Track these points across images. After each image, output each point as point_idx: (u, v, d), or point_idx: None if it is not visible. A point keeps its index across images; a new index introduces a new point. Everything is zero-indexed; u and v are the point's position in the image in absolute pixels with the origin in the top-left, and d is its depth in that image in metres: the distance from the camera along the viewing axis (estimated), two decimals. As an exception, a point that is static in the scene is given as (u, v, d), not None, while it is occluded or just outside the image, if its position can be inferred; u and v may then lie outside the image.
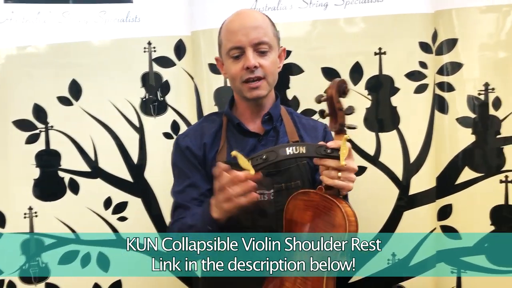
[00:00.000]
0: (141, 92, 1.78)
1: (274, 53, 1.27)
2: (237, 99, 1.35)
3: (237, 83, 1.26)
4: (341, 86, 1.08)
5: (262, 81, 1.24)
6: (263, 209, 1.25)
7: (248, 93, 1.25)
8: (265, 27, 1.25)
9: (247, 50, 1.22)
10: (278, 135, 1.32)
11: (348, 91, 1.09)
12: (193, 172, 1.29)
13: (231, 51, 1.24)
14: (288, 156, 1.08)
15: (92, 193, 1.75)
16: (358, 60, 1.69)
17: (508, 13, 1.62)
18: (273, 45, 1.26)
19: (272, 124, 1.31)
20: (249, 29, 1.22)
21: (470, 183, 1.67)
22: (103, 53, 1.75)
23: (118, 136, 1.76)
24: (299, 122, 1.38)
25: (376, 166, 1.70)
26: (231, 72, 1.26)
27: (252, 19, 1.26)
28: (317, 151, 1.10)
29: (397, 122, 1.68)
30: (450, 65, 1.67)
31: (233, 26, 1.25)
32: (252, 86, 1.24)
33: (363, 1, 1.67)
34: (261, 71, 1.23)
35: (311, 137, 1.35)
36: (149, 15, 1.77)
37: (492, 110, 1.64)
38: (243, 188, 1.06)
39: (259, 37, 1.22)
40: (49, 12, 1.71)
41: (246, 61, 1.22)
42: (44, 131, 1.73)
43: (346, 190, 1.10)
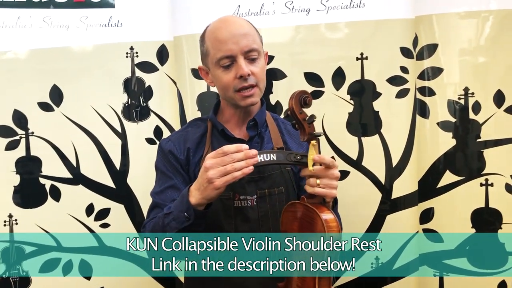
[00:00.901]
0: (123, 98, 1.76)
1: (262, 59, 1.27)
2: (224, 105, 1.34)
3: (229, 92, 1.24)
4: (301, 97, 1.09)
5: (255, 88, 1.23)
6: (246, 214, 1.24)
7: (242, 102, 1.24)
8: (253, 33, 1.25)
9: (239, 58, 1.21)
10: (263, 141, 1.32)
11: (310, 101, 1.09)
12: (175, 175, 1.29)
13: (221, 60, 1.22)
14: (258, 164, 1.07)
15: (74, 199, 1.73)
16: (340, 65, 1.70)
17: (487, 18, 1.64)
18: (260, 51, 1.26)
19: (257, 130, 1.31)
20: (238, 37, 1.21)
21: (451, 186, 1.69)
22: (84, 59, 1.74)
23: (100, 142, 1.75)
24: (284, 128, 1.38)
25: (359, 170, 1.71)
26: (223, 82, 1.24)
27: (238, 26, 1.24)
28: (288, 158, 1.10)
29: (379, 126, 1.70)
30: (431, 70, 1.69)
31: (222, 35, 1.22)
32: (245, 95, 1.23)
33: (345, 7, 1.68)
34: (253, 79, 1.22)
35: (296, 143, 1.36)
36: (132, 20, 1.76)
37: (472, 114, 1.66)
38: (247, 160, 1.04)
39: (249, 44, 1.21)
40: (30, 17, 1.69)
41: (239, 70, 1.20)
42: (25, 137, 1.70)
43: (329, 197, 1.09)
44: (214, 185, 1.05)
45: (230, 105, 1.31)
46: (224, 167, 1.04)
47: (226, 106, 1.33)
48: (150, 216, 1.27)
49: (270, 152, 1.10)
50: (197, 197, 1.09)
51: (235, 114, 1.32)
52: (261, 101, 1.36)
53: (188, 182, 1.28)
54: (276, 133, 1.34)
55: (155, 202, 1.29)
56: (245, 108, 1.28)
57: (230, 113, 1.33)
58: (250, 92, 1.23)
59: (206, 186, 1.06)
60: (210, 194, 1.07)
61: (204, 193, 1.07)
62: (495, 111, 1.65)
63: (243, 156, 1.05)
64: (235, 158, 1.04)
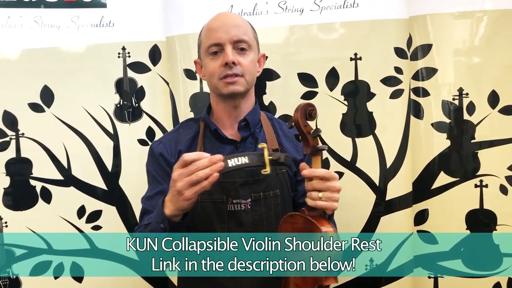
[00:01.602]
0: (115, 98, 1.74)
1: (253, 54, 1.27)
2: (214, 101, 1.32)
3: (214, 79, 1.24)
4: (306, 109, 1.08)
5: (239, 77, 1.23)
6: (239, 218, 1.23)
7: (224, 89, 1.23)
8: (246, 27, 1.26)
9: (226, 46, 1.22)
10: (257, 141, 1.30)
11: (315, 114, 1.08)
12: (165, 179, 1.27)
13: (210, 48, 1.24)
14: (230, 169, 1.04)
15: (65, 201, 1.71)
16: (334, 66, 1.68)
17: (481, 19, 1.63)
18: (252, 45, 1.26)
19: (249, 131, 1.29)
20: (229, 27, 1.23)
21: (446, 187, 1.68)
22: (76, 59, 1.72)
23: (91, 143, 1.73)
24: (279, 128, 1.36)
25: (353, 172, 1.70)
26: (209, 69, 1.24)
27: (232, 18, 1.28)
28: (261, 160, 1.07)
29: (374, 127, 1.69)
30: (425, 71, 1.68)
31: (214, 24, 1.25)
32: (228, 81, 1.22)
33: (339, 7, 1.67)
34: (239, 68, 1.22)
35: (292, 144, 1.34)
36: (124, 20, 1.74)
37: (467, 115, 1.65)
38: (211, 166, 1.01)
39: (238, 34, 1.23)
40: (20, 17, 1.67)
41: (225, 57, 1.21)
42: (15, 138, 1.69)
43: (330, 210, 1.08)
44: (184, 197, 1.02)
45: (217, 98, 1.29)
46: (190, 177, 1.01)
47: (215, 101, 1.32)
48: (141, 222, 1.25)
49: (242, 155, 1.06)
50: (170, 208, 1.07)
51: (224, 111, 1.30)
52: (255, 100, 1.35)
53: None
54: (271, 133, 1.32)
55: (145, 208, 1.28)
56: (229, 97, 1.26)
57: (220, 110, 1.31)
58: (233, 79, 1.22)
59: (177, 197, 1.04)
60: (182, 205, 1.05)
61: (177, 204, 1.05)
62: (490, 112, 1.64)
63: (207, 163, 1.01)
64: (199, 166, 1.01)
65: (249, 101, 1.32)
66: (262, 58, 1.34)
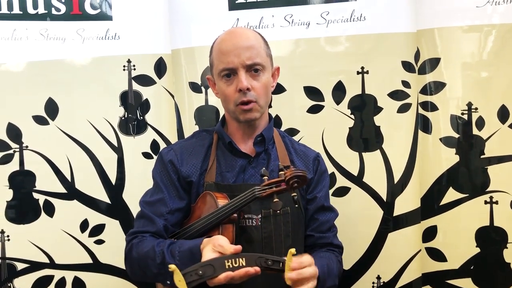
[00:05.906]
0: (120, 111, 1.73)
1: (267, 73, 1.27)
2: (229, 119, 1.34)
3: (231, 105, 1.25)
4: (293, 182, 1.10)
5: (253, 104, 1.23)
6: (250, 235, 1.22)
7: (241, 116, 1.25)
8: (258, 47, 1.25)
9: (240, 71, 1.21)
10: (270, 158, 1.31)
11: (296, 187, 1.11)
12: (168, 188, 1.28)
13: (222, 71, 1.24)
14: (227, 270, 1.02)
15: (68, 215, 1.70)
16: (340, 79, 1.67)
17: (489, 32, 1.62)
18: (265, 65, 1.26)
19: (264, 146, 1.31)
20: (241, 50, 1.21)
21: (455, 204, 1.64)
22: (81, 71, 1.71)
23: (95, 156, 1.71)
24: (291, 146, 1.37)
25: (360, 187, 1.67)
26: (225, 94, 1.25)
27: (244, 38, 1.25)
28: (257, 262, 1.05)
29: (381, 141, 1.66)
30: (434, 84, 1.66)
31: (225, 47, 1.24)
32: (244, 108, 1.23)
33: (345, 20, 1.66)
34: (253, 94, 1.22)
35: (303, 163, 1.35)
36: (129, 33, 1.73)
37: (476, 130, 1.63)
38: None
39: (251, 57, 1.22)
40: (26, 29, 1.67)
41: (239, 84, 1.21)
42: (18, 151, 1.67)
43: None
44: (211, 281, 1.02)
45: (232, 119, 1.31)
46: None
47: (230, 119, 1.33)
48: (137, 227, 1.26)
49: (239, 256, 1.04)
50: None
51: (239, 128, 1.31)
52: (269, 117, 1.35)
53: (182, 196, 1.28)
54: (283, 150, 1.34)
55: (144, 212, 1.29)
56: (246, 123, 1.27)
57: (234, 127, 1.32)
58: (248, 106, 1.23)
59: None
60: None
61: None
62: (499, 127, 1.61)
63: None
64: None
65: (264, 118, 1.33)
66: (276, 72, 1.34)
